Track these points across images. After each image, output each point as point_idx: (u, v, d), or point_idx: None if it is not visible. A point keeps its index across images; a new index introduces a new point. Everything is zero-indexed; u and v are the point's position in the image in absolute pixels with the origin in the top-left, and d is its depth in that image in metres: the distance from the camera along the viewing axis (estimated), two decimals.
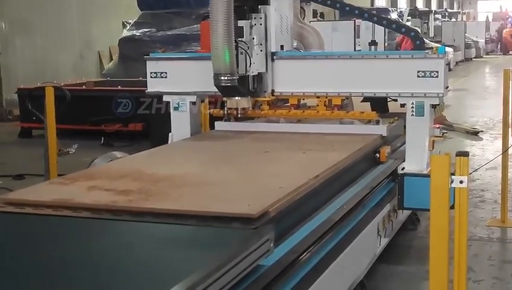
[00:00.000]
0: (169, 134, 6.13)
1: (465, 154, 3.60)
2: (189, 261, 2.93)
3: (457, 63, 31.43)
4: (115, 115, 11.67)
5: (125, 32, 16.86)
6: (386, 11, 26.10)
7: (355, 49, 10.84)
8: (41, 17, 16.81)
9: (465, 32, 34.68)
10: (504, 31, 42.30)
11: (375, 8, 30.58)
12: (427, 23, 34.50)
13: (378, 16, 6.07)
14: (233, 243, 3.14)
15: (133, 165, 4.74)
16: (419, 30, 27.27)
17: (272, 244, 3.30)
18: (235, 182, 4.19)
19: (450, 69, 26.56)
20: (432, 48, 5.57)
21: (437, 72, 5.35)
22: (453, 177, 3.51)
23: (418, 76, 5.37)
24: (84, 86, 13.15)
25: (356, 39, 16.19)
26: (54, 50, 17.03)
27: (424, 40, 5.56)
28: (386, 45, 7.98)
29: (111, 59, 18.37)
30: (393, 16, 25.87)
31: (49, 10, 17.10)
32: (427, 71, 5.36)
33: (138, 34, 16.01)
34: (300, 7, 6.74)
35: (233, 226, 3.33)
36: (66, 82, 13.20)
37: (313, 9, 16.27)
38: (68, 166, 6.62)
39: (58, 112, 7.74)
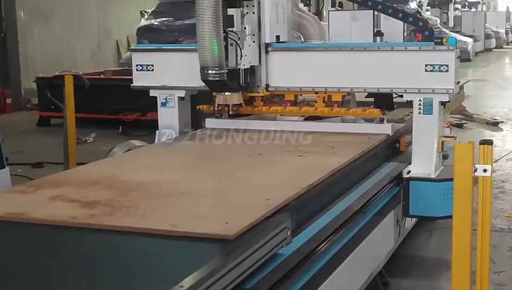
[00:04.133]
0: (156, 132, 5.54)
1: (489, 142, 3.42)
2: (209, 249, 2.88)
3: (476, 53, 30.91)
4: (133, 104, 11.24)
5: (143, 22, 16.59)
6: (403, 0, 25.18)
7: (374, 41, 10.29)
8: (59, 6, 16.61)
9: (485, 22, 33.90)
10: None
11: None
12: (447, 13, 33.70)
13: (383, 4, 5.39)
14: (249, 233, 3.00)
15: (108, 170, 4.30)
16: (438, 20, 26.50)
17: (289, 233, 3.17)
18: (217, 192, 3.76)
19: (469, 60, 25.91)
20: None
21: (447, 66, 4.74)
22: (476, 165, 3.30)
23: (426, 70, 4.78)
24: (102, 75, 13.13)
25: (375, 29, 15.72)
26: (72, 39, 16.85)
27: (433, 31, 4.87)
28: (405, 35, 7.41)
29: (129, 48, 17.92)
30: (413, 5, 25.13)
31: None
32: (436, 65, 4.76)
33: (156, 23, 15.81)
34: None
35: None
36: (84, 71, 12.94)
37: None
38: (86, 154, 6.55)
39: (77, 101, 7.55)
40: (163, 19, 15.81)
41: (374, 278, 4.63)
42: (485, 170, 3.27)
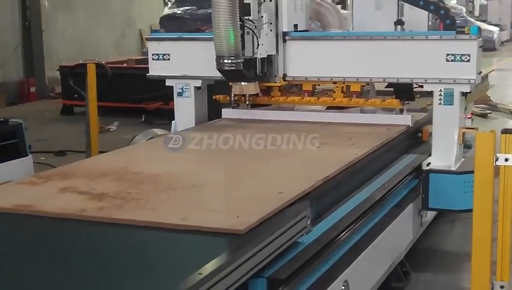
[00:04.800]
0: (172, 122, 5.44)
1: (511, 131, 3.31)
2: (220, 243, 2.85)
3: (502, 42, 30.34)
4: (155, 93, 11.25)
5: (166, 10, 16.61)
6: None
7: (395, 30, 10.01)
8: None
9: None
10: None
11: None
12: (472, 1, 33.18)
13: None
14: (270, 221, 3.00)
15: (120, 161, 4.23)
16: (464, 9, 26.06)
17: (309, 222, 3.15)
18: (229, 185, 3.70)
19: (495, 49, 25.49)
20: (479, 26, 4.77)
21: (469, 55, 4.60)
22: (498, 155, 3.22)
23: (447, 60, 4.64)
24: (125, 64, 13.09)
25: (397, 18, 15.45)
26: (96, 28, 16.80)
27: (455, 20, 4.71)
28: (429, 24, 7.18)
29: (145, 37, 17.83)
30: None
31: None
32: (458, 54, 4.61)
33: (179, 12, 15.82)
34: None
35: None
36: (108, 60, 12.99)
37: None
38: (109, 143, 6.53)
39: (100, 90, 7.44)
40: (186, 7, 15.80)
41: (395, 267, 4.58)
42: (506, 159, 3.21)
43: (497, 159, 3.27)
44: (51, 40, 15.59)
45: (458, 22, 9.44)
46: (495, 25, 28.57)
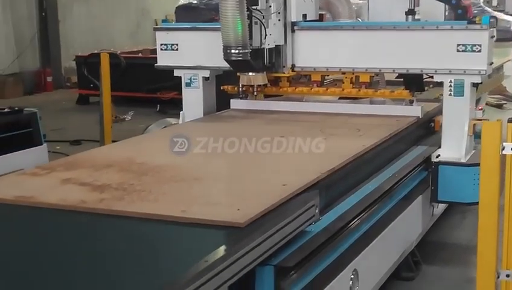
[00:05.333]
0: (180, 113, 5.38)
1: None
2: (220, 236, 2.83)
3: None
4: (170, 82, 10.88)
5: (182, 0, 16.34)
6: None
7: (406, 20, 9.86)
8: None
9: None
10: None
11: None
12: None
13: None
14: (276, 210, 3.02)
15: (126, 152, 4.20)
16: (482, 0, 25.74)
17: (317, 210, 3.18)
18: (233, 177, 3.66)
19: (510, 40, 25.01)
20: (495, 16, 4.70)
21: (480, 45, 4.51)
22: (504, 144, 3.16)
23: (458, 50, 4.55)
24: (140, 54, 13.01)
25: (416, 8, 15.31)
26: (111, 18, 16.70)
27: (465, 9, 4.60)
28: (446, 14, 7.03)
29: (153, 27, 17.76)
30: None
31: None
32: (468, 45, 4.53)
33: (194, 2, 15.57)
34: None
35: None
36: (123, 50, 12.96)
37: None
38: (124, 132, 6.40)
39: (113, 79, 7.45)
40: None
41: (405, 257, 4.56)
42: None
43: (503, 149, 3.19)
44: (67, 30, 15.54)
45: (475, 12, 9.29)
46: None
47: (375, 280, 4.07)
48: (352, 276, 3.57)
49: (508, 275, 3.08)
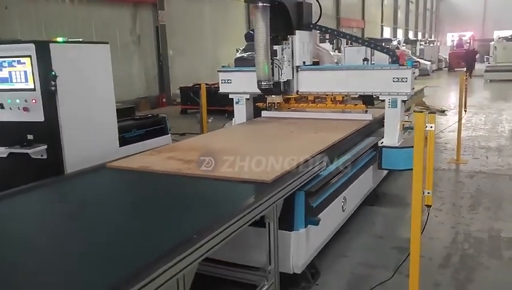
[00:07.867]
0: (233, 119, 5.27)
1: (433, 112, 3.04)
2: (257, 188, 2.78)
3: (433, 70, 28.77)
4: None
5: (238, 54, 16.15)
6: (388, 40, 23.61)
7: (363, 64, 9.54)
8: (190, 45, 16.32)
9: (438, 52, 31.65)
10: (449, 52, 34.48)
11: (382, 39, 27.48)
12: (415, 47, 31.67)
13: (366, 40, 4.95)
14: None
15: (202, 141, 4.09)
16: (410, 52, 24.93)
17: (325, 163, 3.39)
18: (264, 154, 3.44)
19: (429, 74, 24.20)
20: (418, 61, 4.46)
21: (406, 78, 4.32)
22: (426, 124, 2.94)
23: (393, 81, 4.35)
24: (216, 85, 12.68)
25: (372, 57, 14.91)
26: (198, 65, 16.55)
27: (397, 57, 4.44)
28: (389, 60, 6.89)
29: (218, 70, 17.58)
30: (395, 42, 23.79)
31: (195, 41, 16.60)
32: (400, 78, 4.33)
33: (245, 55, 15.25)
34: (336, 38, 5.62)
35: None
36: (207, 82, 12.69)
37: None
38: (209, 128, 6.32)
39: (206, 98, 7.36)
40: (249, 52, 15.36)
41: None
42: (431, 126, 2.91)
43: (426, 127, 2.94)
44: (173, 72, 15.50)
45: (406, 58, 8.99)
46: (429, 60, 27.35)
47: (354, 204, 4.12)
48: (343, 200, 3.68)
49: (428, 192, 2.91)
